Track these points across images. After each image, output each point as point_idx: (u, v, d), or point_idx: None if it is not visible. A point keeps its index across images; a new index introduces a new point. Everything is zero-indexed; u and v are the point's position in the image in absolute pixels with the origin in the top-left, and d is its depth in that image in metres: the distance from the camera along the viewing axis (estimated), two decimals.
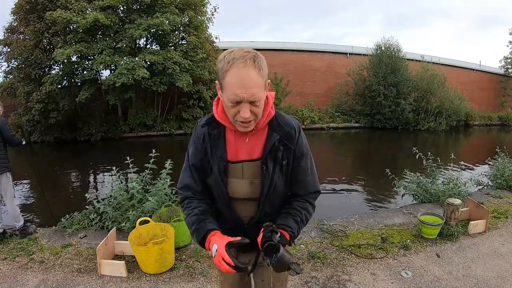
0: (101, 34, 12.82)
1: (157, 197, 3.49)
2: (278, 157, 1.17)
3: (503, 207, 4.31)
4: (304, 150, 1.23)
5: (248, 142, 1.19)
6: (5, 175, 3.42)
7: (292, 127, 1.21)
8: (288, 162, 1.20)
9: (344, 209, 5.15)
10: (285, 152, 1.18)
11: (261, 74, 1.04)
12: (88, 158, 10.76)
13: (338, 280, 2.69)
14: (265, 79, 1.07)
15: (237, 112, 1.06)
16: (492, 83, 23.86)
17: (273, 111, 1.19)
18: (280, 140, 1.17)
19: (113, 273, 2.78)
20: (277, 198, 1.23)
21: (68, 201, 6.02)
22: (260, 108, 1.08)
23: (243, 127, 1.11)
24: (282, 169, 1.19)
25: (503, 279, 2.69)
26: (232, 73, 1.01)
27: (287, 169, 1.21)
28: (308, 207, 1.26)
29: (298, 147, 1.21)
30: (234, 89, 1.01)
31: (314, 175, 1.28)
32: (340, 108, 18.42)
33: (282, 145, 1.18)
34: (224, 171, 1.18)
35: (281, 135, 1.18)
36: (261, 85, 1.04)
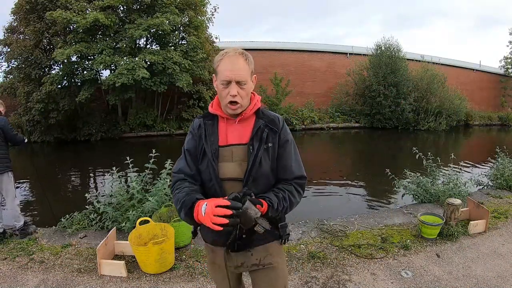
0: (101, 34, 12.83)
1: (157, 197, 3.49)
2: (263, 138, 1.30)
3: (503, 207, 4.31)
4: (288, 137, 1.36)
5: (237, 128, 1.34)
6: (6, 175, 3.43)
7: (276, 116, 1.39)
8: (273, 146, 1.32)
9: (344, 209, 5.15)
10: (270, 134, 1.32)
11: (247, 63, 1.28)
12: (88, 158, 10.76)
13: (338, 280, 2.69)
14: (251, 69, 1.30)
15: (227, 93, 1.26)
16: (492, 83, 23.87)
17: (259, 104, 1.38)
18: (266, 124, 1.33)
19: (113, 273, 2.78)
20: (262, 179, 1.30)
21: (68, 201, 6.02)
22: (245, 91, 1.28)
23: (232, 109, 1.28)
24: (268, 151, 1.31)
25: (503, 279, 2.69)
26: (224, 61, 1.26)
27: (273, 153, 1.32)
28: (292, 190, 1.32)
29: (283, 132, 1.35)
30: (225, 71, 1.25)
31: (298, 162, 1.37)
32: (340, 108, 18.42)
33: (267, 128, 1.33)
34: (215, 153, 1.30)
35: (266, 121, 1.34)
36: (247, 71, 1.27)
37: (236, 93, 1.25)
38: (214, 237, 1.35)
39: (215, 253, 1.41)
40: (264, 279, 1.40)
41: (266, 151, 1.30)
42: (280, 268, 1.42)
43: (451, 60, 23.03)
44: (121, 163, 4.26)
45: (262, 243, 1.35)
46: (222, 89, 1.27)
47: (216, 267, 1.44)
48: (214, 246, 1.40)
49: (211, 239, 1.39)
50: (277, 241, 1.38)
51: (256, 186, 1.28)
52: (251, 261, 1.37)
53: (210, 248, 1.43)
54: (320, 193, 6.27)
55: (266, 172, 1.30)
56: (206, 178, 1.32)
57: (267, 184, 1.32)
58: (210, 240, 1.40)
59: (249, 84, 1.30)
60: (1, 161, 3.37)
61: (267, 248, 1.37)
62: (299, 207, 1.43)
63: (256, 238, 1.30)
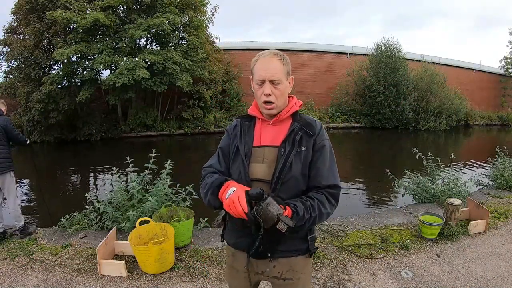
0: (101, 34, 12.83)
1: (157, 197, 3.49)
2: (296, 141, 1.26)
3: (503, 207, 4.31)
4: (325, 143, 1.30)
5: (271, 129, 1.32)
6: (8, 174, 3.44)
7: (313, 120, 1.34)
8: (307, 149, 1.26)
9: (344, 209, 5.15)
10: (304, 138, 1.27)
11: (282, 63, 1.27)
12: (88, 158, 10.76)
13: (338, 280, 2.69)
14: (286, 69, 1.28)
15: (262, 93, 1.26)
16: (492, 83, 23.86)
17: (296, 107, 1.35)
18: (300, 127, 1.29)
19: (113, 273, 2.78)
20: (291, 182, 1.24)
21: (68, 201, 6.02)
22: (280, 91, 1.26)
23: (266, 108, 1.28)
24: (300, 155, 1.25)
25: (503, 279, 2.69)
26: (259, 61, 1.27)
27: (306, 156, 1.26)
28: (323, 199, 1.23)
29: (319, 137, 1.29)
30: (259, 71, 1.26)
31: (332, 170, 1.29)
32: (340, 108, 18.42)
33: (301, 131, 1.28)
34: (248, 153, 1.29)
35: (301, 124, 1.30)
36: (281, 70, 1.26)
37: (270, 92, 1.24)
38: (237, 239, 1.32)
39: (235, 257, 1.37)
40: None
41: (298, 154, 1.25)
42: (301, 285, 1.34)
43: (451, 60, 23.03)
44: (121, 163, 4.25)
45: (286, 256, 1.28)
46: (257, 89, 1.28)
47: (234, 272, 1.38)
48: (236, 250, 1.35)
49: (233, 241, 1.35)
50: (303, 256, 1.31)
51: (285, 190, 1.23)
52: (272, 273, 1.31)
53: (231, 251, 1.38)
54: None
55: (296, 176, 1.24)
56: (235, 177, 1.29)
57: (297, 189, 1.26)
58: (232, 242, 1.36)
59: (283, 84, 1.28)
60: (3, 160, 3.38)
61: (291, 262, 1.31)
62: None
63: (281, 249, 1.26)
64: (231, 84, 16.96)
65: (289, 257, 1.29)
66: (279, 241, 1.23)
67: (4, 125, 3.38)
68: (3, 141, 3.39)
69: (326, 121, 17.33)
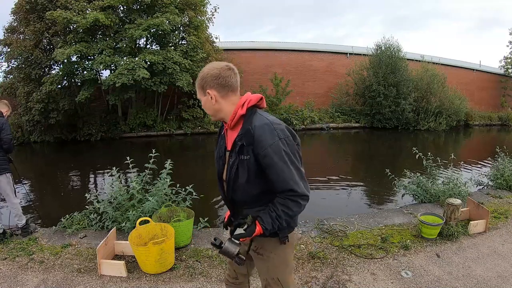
0: (101, 34, 12.83)
1: (157, 197, 3.49)
2: (237, 151, 1.36)
3: (503, 207, 4.31)
4: (267, 152, 1.29)
5: (230, 135, 1.45)
6: (4, 176, 3.43)
7: (254, 127, 1.33)
8: (250, 158, 1.33)
9: (344, 209, 5.15)
10: (245, 148, 1.34)
11: (197, 84, 1.44)
12: (88, 158, 10.76)
13: (338, 280, 2.69)
14: (199, 86, 1.42)
15: None
16: (492, 83, 23.85)
17: (241, 111, 1.38)
18: (240, 137, 1.35)
19: (113, 273, 2.78)
20: (242, 188, 1.40)
21: (68, 201, 6.02)
22: (204, 106, 1.45)
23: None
24: (244, 163, 1.35)
25: (503, 279, 2.69)
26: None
27: (250, 165, 1.34)
28: (288, 203, 1.32)
29: (258, 146, 1.30)
30: None
31: (284, 176, 1.30)
32: (340, 108, 18.41)
33: (240, 141, 1.34)
34: (222, 156, 1.49)
35: (242, 133, 1.35)
36: (198, 91, 1.45)
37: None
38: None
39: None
40: (260, 265, 1.60)
41: (241, 163, 1.35)
42: (271, 262, 1.53)
43: (451, 60, 23.02)
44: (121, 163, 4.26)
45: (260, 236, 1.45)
46: None
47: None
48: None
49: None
50: (273, 239, 1.46)
51: (238, 193, 1.42)
52: (252, 246, 1.55)
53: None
54: (320, 193, 6.27)
55: (243, 183, 1.37)
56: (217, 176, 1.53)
57: (249, 193, 1.40)
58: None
59: (203, 100, 1.44)
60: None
61: (263, 241, 1.50)
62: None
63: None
64: None
65: (261, 237, 1.44)
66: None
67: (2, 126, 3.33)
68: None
69: (326, 121, 17.33)
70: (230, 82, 1.39)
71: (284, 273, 1.56)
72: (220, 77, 1.37)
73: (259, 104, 1.45)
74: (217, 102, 1.40)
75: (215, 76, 1.37)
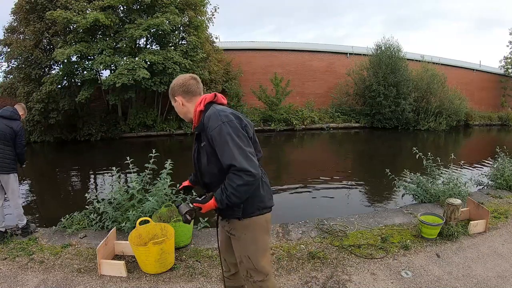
0: (101, 34, 12.82)
1: (157, 197, 3.49)
2: (195, 139, 1.73)
3: (503, 207, 4.31)
4: (213, 133, 1.57)
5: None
6: (13, 175, 3.51)
7: (206, 117, 1.63)
8: (206, 143, 1.64)
9: (344, 209, 5.15)
10: (202, 135, 1.66)
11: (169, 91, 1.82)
12: (88, 158, 10.76)
13: (338, 280, 2.69)
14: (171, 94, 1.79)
15: None
16: (492, 83, 23.86)
17: (200, 107, 1.69)
18: (196, 127, 1.70)
19: (113, 273, 2.78)
20: (207, 172, 1.70)
21: (68, 201, 6.02)
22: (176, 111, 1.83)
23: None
24: (203, 149, 1.67)
25: (503, 279, 2.69)
26: None
27: (207, 149, 1.64)
28: (231, 177, 1.53)
29: (208, 130, 1.59)
30: None
31: (227, 152, 1.53)
32: (340, 108, 18.41)
33: (197, 131, 1.70)
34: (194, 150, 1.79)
35: (198, 123, 1.70)
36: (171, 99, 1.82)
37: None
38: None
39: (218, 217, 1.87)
40: (234, 245, 1.81)
41: (202, 149, 1.68)
42: (242, 241, 1.74)
43: (451, 60, 23.03)
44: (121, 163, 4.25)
45: (229, 218, 1.72)
46: None
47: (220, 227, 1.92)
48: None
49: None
50: (243, 220, 1.69)
51: (205, 176, 1.73)
52: (226, 228, 1.79)
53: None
54: (320, 193, 6.27)
55: (205, 165, 1.68)
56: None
57: (213, 176, 1.67)
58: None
59: (174, 106, 1.80)
60: (9, 162, 3.46)
61: (233, 223, 1.73)
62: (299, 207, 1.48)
63: (225, 213, 1.70)
64: (231, 84, 16.95)
65: (230, 219, 1.72)
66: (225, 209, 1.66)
67: (17, 130, 3.49)
68: (11, 144, 3.47)
69: (326, 121, 17.33)
70: (192, 88, 1.74)
71: (254, 252, 1.75)
72: (184, 85, 1.73)
73: (215, 100, 1.74)
74: (184, 106, 1.75)
75: (180, 85, 1.74)
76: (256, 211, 1.69)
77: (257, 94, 16.46)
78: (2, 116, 3.48)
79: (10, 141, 3.45)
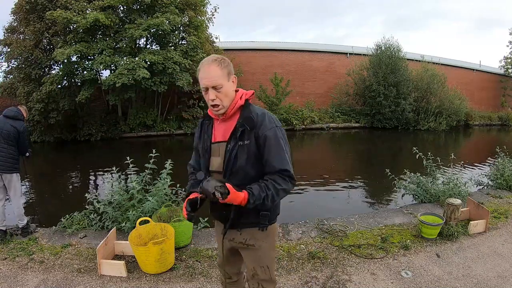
0: (101, 34, 12.83)
1: (157, 197, 3.49)
2: (237, 137, 1.44)
3: (503, 207, 4.31)
4: (268, 133, 1.43)
5: (222, 126, 1.53)
6: (15, 175, 3.53)
7: (256, 113, 1.47)
8: (251, 142, 1.44)
9: (344, 209, 5.15)
10: (246, 132, 1.44)
11: (220, 68, 1.42)
12: (88, 158, 10.76)
13: (338, 280, 2.69)
14: (226, 71, 1.44)
15: (208, 98, 1.44)
16: (492, 83, 23.86)
17: (241, 102, 1.50)
18: (242, 124, 1.45)
19: (113, 273, 2.78)
20: (240, 172, 1.47)
21: (68, 201, 6.02)
22: (223, 93, 1.43)
23: (214, 110, 1.47)
24: (244, 148, 1.44)
25: (503, 279, 2.69)
26: (201, 70, 1.44)
27: (250, 148, 1.44)
28: (277, 178, 1.42)
29: (260, 129, 1.43)
30: (202, 80, 1.43)
31: (280, 156, 1.43)
32: (340, 108, 18.42)
33: (242, 127, 1.44)
34: (207, 149, 1.55)
35: (243, 119, 1.46)
36: (221, 75, 1.41)
37: (214, 97, 1.42)
38: (213, 213, 1.64)
39: (217, 224, 1.74)
40: (249, 256, 1.64)
41: (242, 148, 1.44)
42: (262, 251, 1.61)
43: (451, 60, 23.03)
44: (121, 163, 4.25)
45: (248, 227, 1.56)
46: (204, 95, 1.46)
47: (217, 235, 1.76)
48: (215, 220, 1.72)
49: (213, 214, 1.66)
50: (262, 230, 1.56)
51: (235, 178, 1.46)
52: (239, 239, 1.60)
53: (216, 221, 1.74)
54: (320, 193, 6.27)
55: (242, 166, 1.45)
56: (202, 169, 1.57)
57: (247, 176, 1.46)
58: (213, 214, 1.66)
59: (225, 87, 1.43)
60: (12, 161, 3.48)
61: (252, 232, 1.57)
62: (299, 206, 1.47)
63: (242, 222, 1.52)
64: None
65: (250, 227, 1.56)
66: (240, 216, 1.49)
67: (21, 130, 3.54)
68: (14, 143, 3.50)
69: (326, 121, 17.33)
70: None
71: (272, 261, 1.68)
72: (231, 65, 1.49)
73: (252, 98, 1.58)
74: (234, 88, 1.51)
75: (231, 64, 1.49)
76: (275, 217, 1.63)
77: (257, 94, 16.46)
78: (7, 116, 3.52)
79: (14, 140, 3.48)
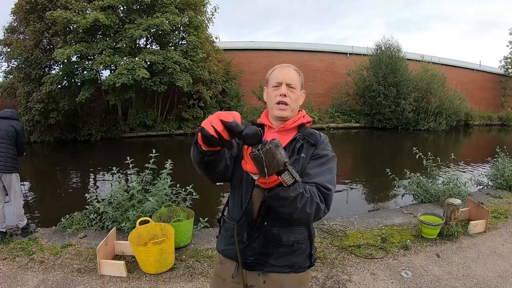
0: (101, 34, 12.82)
1: (157, 197, 3.49)
2: (296, 148, 1.23)
3: (503, 207, 4.31)
4: (328, 153, 1.25)
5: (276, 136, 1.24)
6: (14, 175, 3.52)
7: (318, 133, 1.32)
8: (307, 156, 1.23)
9: (344, 209, 5.14)
10: (305, 146, 1.24)
11: (298, 74, 1.35)
12: (88, 158, 10.76)
13: (338, 280, 2.69)
14: (301, 80, 1.36)
15: (277, 93, 1.27)
16: (492, 83, 23.86)
17: (304, 120, 1.33)
18: (303, 137, 1.26)
19: (113, 273, 2.78)
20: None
21: (68, 201, 6.02)
22: (295, 95, 1.30)
23: (279, 109, 1.27)
24: (299, 161, 1.21)
25: (503, 279, 2.69)
26: (277, 69, 1.33)
27: (304, 162, 1.21)
28: (313, 189, 1.10)
29: (321, 146, 1.26)
30: (277, 75, 1.30)
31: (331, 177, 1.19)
32: (340, 108, 18.42)
33: (303, 140, 1.25)
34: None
35: (304, 134, 1.27)
36: (297, 79, 1.33)
37: (286, 92, 1.26)
38: (226, 246, 1.25)
39: (223, 265, 1.28)
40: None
41: (296, 161, 1.20)
42: None
43: (451, 60, 23.03)
44: (121, 163, 4.26)
45: (277, 271, 1.19)
46: (272, 91, 1.29)
47: (221, 282, 1.29)
48: (224, 258, 1.28)
49: (222, 248, 1.29)
50: (297, 274, 1.22)
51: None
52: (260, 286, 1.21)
53: (220, 259, 1.31)
54: None
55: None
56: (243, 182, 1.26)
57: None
58: (222, 248, 1.30)
59: (298, 92, 1.32)
60: (11, 161, 3.48)
61: (283, 280, 1.20)
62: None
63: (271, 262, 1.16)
64: (231, 84, 16.96)
65: (280, 273, 1.19)
66: (269, 253, 1.15)
67: (19, 130, 3.57)
68: (13, 143, 3.51)
69: (326, 121, 17.33)
70: None
71: None
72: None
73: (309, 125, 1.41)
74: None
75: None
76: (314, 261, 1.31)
77: (257, 94, 16.46)
78: (3, 117, 3.55)
79: (12, 140, 3.50)
